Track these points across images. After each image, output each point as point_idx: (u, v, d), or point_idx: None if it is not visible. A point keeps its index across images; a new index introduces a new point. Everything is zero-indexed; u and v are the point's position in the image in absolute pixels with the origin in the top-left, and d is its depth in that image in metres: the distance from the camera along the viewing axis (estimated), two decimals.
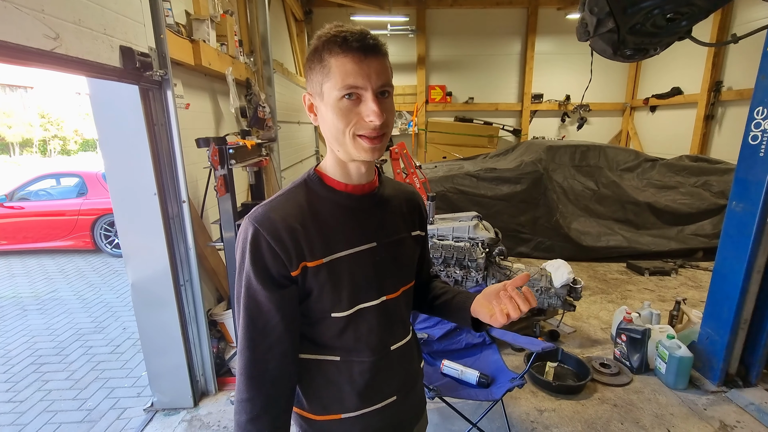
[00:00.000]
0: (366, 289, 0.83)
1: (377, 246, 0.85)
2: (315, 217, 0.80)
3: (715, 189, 4.86)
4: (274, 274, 0.76)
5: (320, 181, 0.83)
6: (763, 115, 2.17)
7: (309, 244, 0.77)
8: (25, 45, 1.29)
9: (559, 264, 3.02)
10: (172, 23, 2.30)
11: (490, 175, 4.97)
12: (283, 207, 0.78)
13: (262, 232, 0.75)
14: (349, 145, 0.75)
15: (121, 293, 4.26)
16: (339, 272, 0.80)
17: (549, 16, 7.75)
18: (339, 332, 0.83)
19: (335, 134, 0.75)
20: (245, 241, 0.76)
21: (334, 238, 0.80)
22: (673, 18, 1.12)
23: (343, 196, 0.83)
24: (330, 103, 0.73)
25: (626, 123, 8.29)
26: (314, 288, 0.79)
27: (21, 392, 2.68)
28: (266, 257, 0.75)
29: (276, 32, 5.44)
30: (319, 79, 0.73)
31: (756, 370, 2.46)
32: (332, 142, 0.78)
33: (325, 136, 0.79)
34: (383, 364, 0.88)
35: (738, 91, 5.62)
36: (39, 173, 5.89)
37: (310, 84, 0.77)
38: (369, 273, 0.83)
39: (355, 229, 0.83)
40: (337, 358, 0.85)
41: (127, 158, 2.08)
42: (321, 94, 0.74)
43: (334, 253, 0.80)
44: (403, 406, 0.94)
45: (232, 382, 2.57)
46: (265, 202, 0.80)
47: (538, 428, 2.22)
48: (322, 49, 0.72)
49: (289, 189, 0.83)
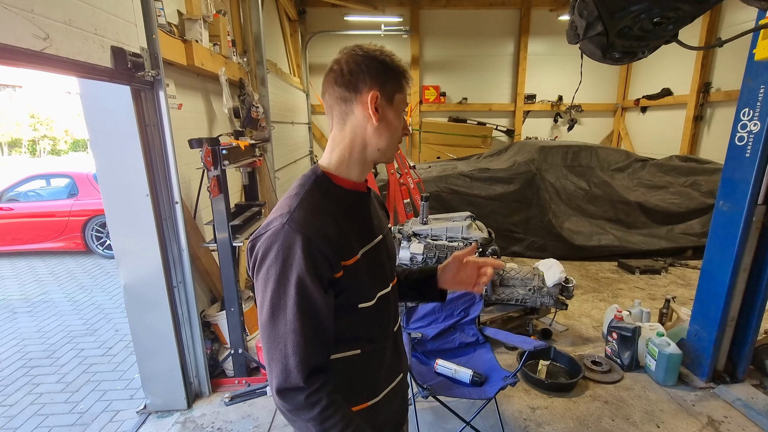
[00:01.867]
0: (383, 277, 0.91)
1: (383, 237, 0.94)
2: (343, 215, 0.83)
3: (703, 189, 4.94)
4: (325, 278, 0.77)
5: (330, 181, 0.86)
6: (749, 117, 2.22)
7: (347, 242, 0.81)
8: (14, 45, 1.28)
9: (552, 263, 3.05)
10: (164, 23, 2.29)
11: (484, 175, 5.00)
12: (315, 210, 0.79)
13: (312, 237, 0.75)
14: (393, 147, 0.89)
15: (113, 295, 4.22)
16: (368, 264, 0.85)
17: (541, 17, 7.81)
18: (365, 322, 0.88)
19: (393, 135, 0.87)
20: (290, 248, 0.74)
21: (360, 233, 0.86)
22: (660, 22, 1.14)
23: (353, 194, 0.89)
24: (398, 111, 0.87)
25: (617, 123, 8.38)
26: (351, 283, 0.82)
27: (11, 396, 2.64)
28: (318, 262, 0.75)
29: (269, 32, 5.43)
30: (395, 86, 0.85)
31: (743, 366, 2.50)
32: (383, 141, 0.86)
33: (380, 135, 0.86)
34: (391, 344, 0.96)
35: (726, 93, 5.71)
36: (29, 174, 5.81)
37: (381, 84, 0.83)
38: (384, 262, 0.92)
39: (368, 223, 0.91)
40: (358, 351, 0.88)
41: (119, 159, 2.07)
42: (392, 99, 0.85)
43: (363, 247, 0.85)
44: (405, 382, 1.04)
45: (225, 384, 2.56)
46: (296, 207, 0.79)
47: (531, 426, 2.24)
48: (396, 69, 0.85)
49: (305, 191, 0.83)
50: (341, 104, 0.84)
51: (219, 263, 2.47)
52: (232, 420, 2.30)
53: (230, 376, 2.61)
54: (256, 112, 3.45)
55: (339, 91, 0.83)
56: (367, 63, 0.82)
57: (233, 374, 2.60)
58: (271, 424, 2.27)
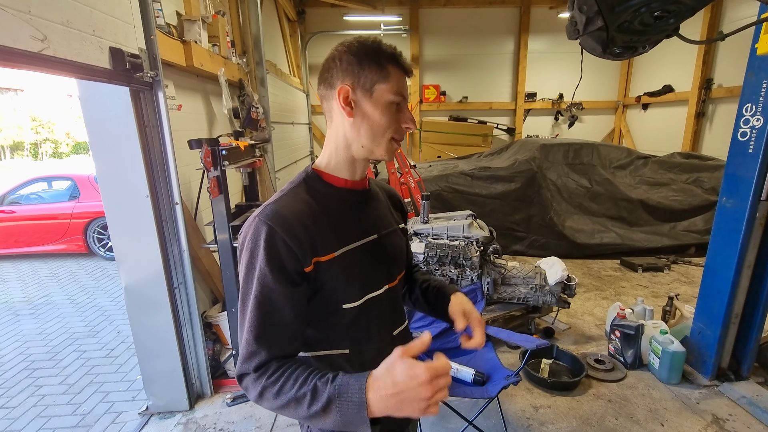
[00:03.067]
0: (373, 278, 0.88)
1: (378, 237, 0.90)
2: (323, 212, 0.82)
3: (706, 185, 4.92)
4: (290, 271, 0.76)
5: (320, 179, 0.86)
6: (751, 112, 2.20)
7: (322, 238, 0.80)
8: (11, 47, 1.28)
9: (554, 261, 3.04)
10: (162, 24, 2.28)
11: (485, 173, 4.99)
12: (292, 204, 0.80)
13: (276, 229, 0.75)
14: (382, 144, 0.82)
15: (114, 297, 4.23)
16: (351, 264, 0.83)
17: (541, 15, 7.79)
18: (350, 323, 0.86)
19: (376, 131, 0.81)
20: (257, 239, 0.75)
21: (344, 231, 0.84)
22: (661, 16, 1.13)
23: (344, 192, 0.87)
24: (381, 104, 0.80)
25: (619, 121, 8.35)
26: (327, 281, 0.81)
27: (14, 398, 2.65)
28: (282, 254, 0.75)
29: (269, 33, 5.42)
30: (373, 77, 0.79)
31: (747, 363, 2.49)
32: (364, 138, 0.81)
33: (358, 131, 0.81)
34: (388, 350, 0.91)
35: (728, 89, 5.68)
36: (30, 176, 5.82)
37: (354, 77, 0.79)
38: (375, 263, 0.88)
39: (359, 222, 0.88)
40: (347, 350, 0.87)
41: (119, 161, 2.07)
42: (370, 91, 0.79)
43: (345, 246, 0.83)
44: None
45: (227, 384, 2.56)
46: (272, 201, 0.80)
47: (534, 425, 2.23)
48: (381, 54, 0.79)
49: (290, 188, 0.85)
50: (324, 102, 0.85)
51: (220, 264, 2.47)
52: (234, 421, 2.30)
53: (232, 376, 2.61)
54: (256, 113, 3.45)
55: (321, 90, 0.84)
56: (341, 57, 0.80)
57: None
58: (273, 424, 2.27)
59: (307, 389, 0.69)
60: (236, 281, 2.44)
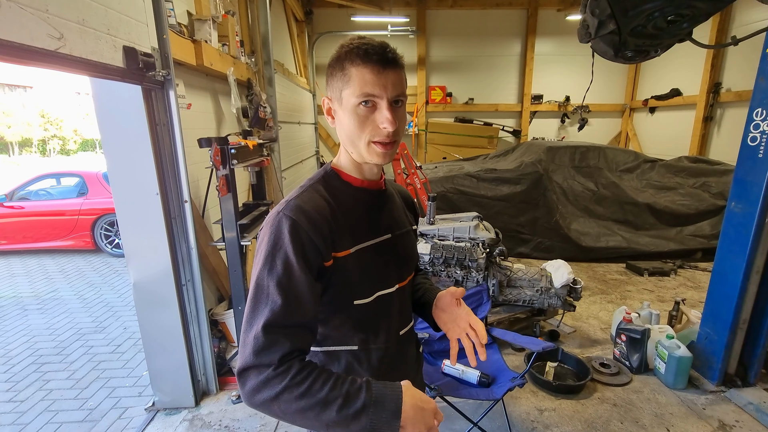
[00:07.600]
0: (385, 277, 0.90)
1: (392, 237, 0.92)
2: (341, 209, 0.84)
3: (713, 190, 4.88)
4: (313, 264, 0.77)
5: (338, 177, 0.89)
6: (761, 117, 2.19)
7: (339, 235, 0.81)
8: (29, 45, 1.30)
9: (559, 264, 3.03)
10: (174, 23, 2.31)
11: (490, 175, 4.98)
12: (312, 201, 0.81)
13: (300, 224, 0.76)
14: (363, 149, 0.81)
15: (121, 293, 4.26)
16: (364, 261, 0.85)
17: (549, 18, 7.77)
18: (360, 320, 0.87)
19: (351, 138, 0.81)
20: (280, 232, 0.76)
21: (359, 229, 0.86)
22: (674, 20, 1.13)
23: (360, 191, 0.89)
24: (348, 109, 0.79)
25: (626, 124, 8.31)
26: (341, 277, 0.82)
27: (22, 392, 2.68)
28: (306, 247, 0.76)
29: (277, 32, 5.45)
30: (339, 85, 0.79)
31: (755, 369, 2.47)
32: (347, 144, 0.84)
33: (340, 138, 0.85)
34: (395, 349, 0.94)
35: (737, 93, 5.64)
36: (39, 173, 5.88)
37: (330, 89, 0.83)
38: (388, 262, 0.90)
39: (374, 221, 0.90)
40: (355, 347, 0.88)
41: (130, 158, 2.09)
42: (340, 99, 0.80)
43: (359, 243, 0.85)
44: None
45: (233, 382, 2.57)
46: (294, 197, 0.82)
47: (539, 427, 2.23)
48: (344, 58, 0.78)
49: (310, 185, 0.86)
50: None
51: (227, 262, 2.48)
52: (239, 418, 2.31)
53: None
54: (264, 112, 3.47)
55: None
56: (328, 66, 0.83)
57: None
58: (278, 422, 2.28)
59: (339, 392, 0.69)
60: (243, 279, 2.45)
